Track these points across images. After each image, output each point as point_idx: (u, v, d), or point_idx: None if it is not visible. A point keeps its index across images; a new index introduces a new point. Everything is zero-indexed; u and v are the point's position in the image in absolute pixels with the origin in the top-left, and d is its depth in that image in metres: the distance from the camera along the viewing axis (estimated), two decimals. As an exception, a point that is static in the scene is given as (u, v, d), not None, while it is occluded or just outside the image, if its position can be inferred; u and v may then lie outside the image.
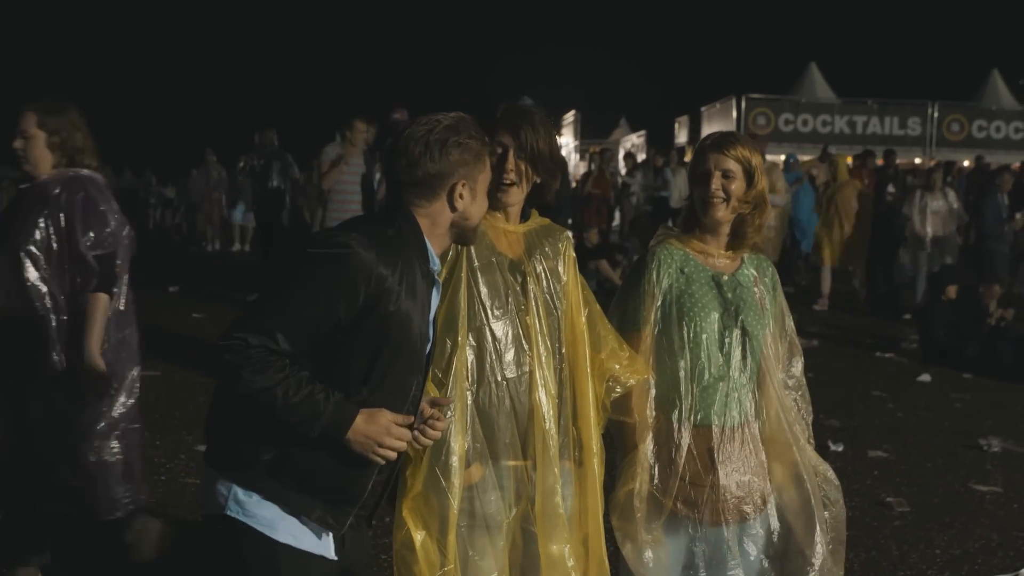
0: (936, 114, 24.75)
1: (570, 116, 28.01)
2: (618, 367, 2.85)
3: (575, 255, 2.93)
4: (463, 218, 2.48)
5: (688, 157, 17.98)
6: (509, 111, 2.79)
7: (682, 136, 28.15)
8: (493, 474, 2.70)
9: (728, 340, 2.93)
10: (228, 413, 2.39)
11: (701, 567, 2.94)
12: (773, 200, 11.33)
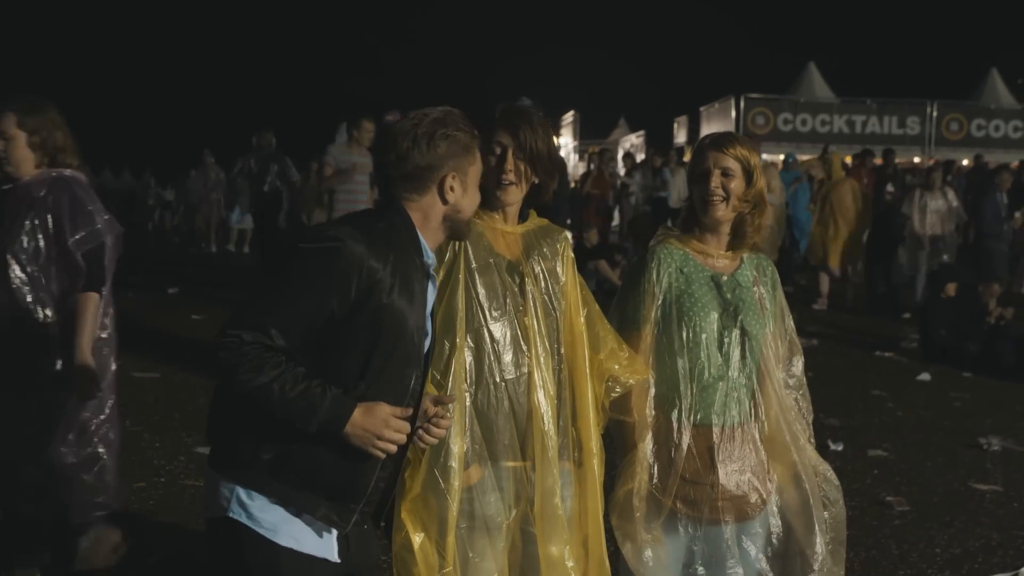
0: (935, 113, 24.74)
1: (569, 116, 28.03)
2: (617, 367, 2.85)
3: (573, 255, 2.92)
4: (455, 211, 2.48)
5: (687, 157, 17.99)
6: (507, 111, 2.79)
7: (681, 136, 28.15)
8: (492, 475, 2.70)
9: (727, 340, 2.93)
10: (228, 414, 2.39)
11: (701, 566, 2.94)
12: (768, 199, 11.30)
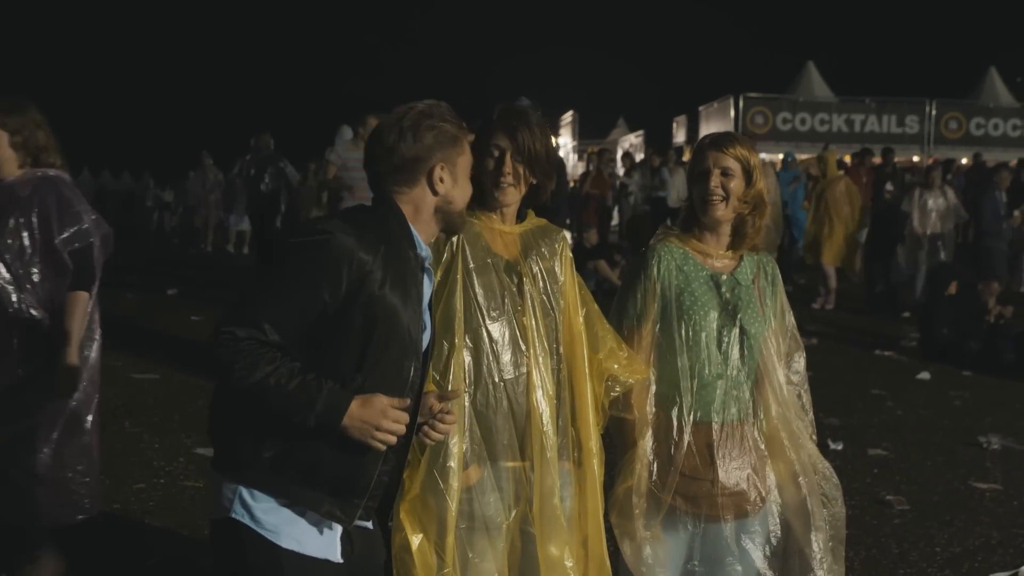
0: (934, 112, 24.75)
1: (568, 116, 28.04)
2: (616, 367, 2.85)
3: (572, 255, 2.92)
4: (446, 202, 2.49)
5: (686, 157, 18.00)
6: (505, 112, 2.78)
7: (680, 136, 28.15)
8: (491, 476, 2.70)
9: (726, 339, 2.93)
10: (227, 414, 2.39)
11: (700, 563, 2.94)
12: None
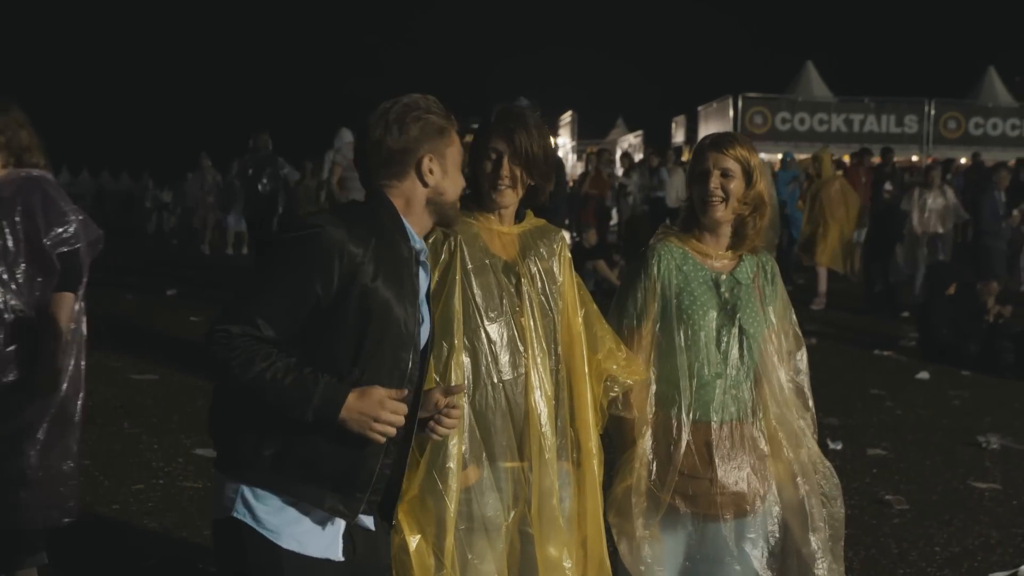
0: (933, 112, 24.75)
1: (567, 116, 28.05)
2: (615, 367, 2.85)
3: (571, 255, 2.92)
4: (437, 194, 2.48)
5: (685, 157, 18.00)
6: (503, 114, 2.77)
7: (679, 136, 28.17)
8: (490, 476, 2.70)
9: (725, 339, 2.92)
10: (227, 414, 2.39)
11: (699, 563, 2.93)
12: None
